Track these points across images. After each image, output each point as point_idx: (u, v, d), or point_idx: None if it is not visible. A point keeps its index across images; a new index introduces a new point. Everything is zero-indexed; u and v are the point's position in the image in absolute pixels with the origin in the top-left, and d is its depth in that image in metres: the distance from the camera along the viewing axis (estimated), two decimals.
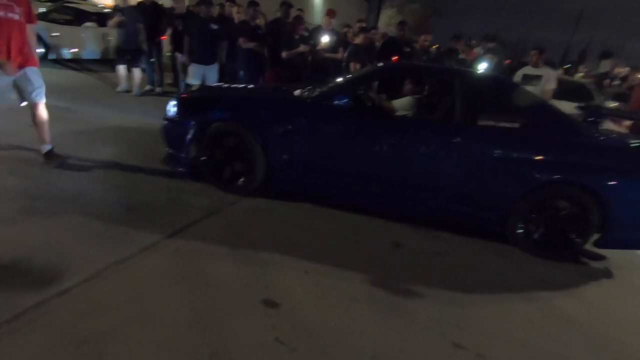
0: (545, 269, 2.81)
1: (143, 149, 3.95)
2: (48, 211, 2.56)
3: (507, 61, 6.76)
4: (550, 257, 2.95)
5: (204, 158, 3.25)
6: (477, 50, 7.60)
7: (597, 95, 7.42)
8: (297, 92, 3.44)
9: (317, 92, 3.27)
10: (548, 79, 5.20)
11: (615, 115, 4.65)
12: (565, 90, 6.74)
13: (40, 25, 7.31)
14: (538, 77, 5.30)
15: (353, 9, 26.53)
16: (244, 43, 5.43)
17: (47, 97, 3.20)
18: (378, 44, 6.26)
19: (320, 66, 5.61)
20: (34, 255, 2.10)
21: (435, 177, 3.01)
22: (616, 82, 9.24)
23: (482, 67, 5.63)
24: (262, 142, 3.12)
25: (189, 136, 3.24)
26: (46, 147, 3.24)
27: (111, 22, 5.88)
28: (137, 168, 3.48)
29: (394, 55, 5.45)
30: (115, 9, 6.03)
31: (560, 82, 7.08)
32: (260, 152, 3.14)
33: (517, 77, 5.51)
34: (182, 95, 3.61)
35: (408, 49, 6.00)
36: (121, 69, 6.12)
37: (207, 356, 1.63)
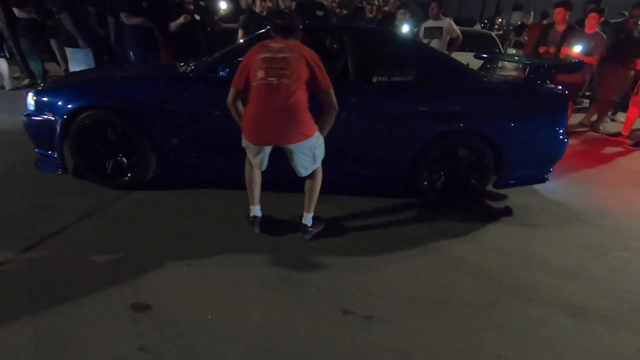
0: (447, 220, 2.83)
1: (12, 152, 3.38)
2: None
3: None
4: (455, 206, 3.01)
5: (80, 154, 2.83)
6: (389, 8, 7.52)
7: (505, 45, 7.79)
8: (180, 68, 3.08)
9: (201, 64, 2.94)
10: (449, 30, 5.26)
11: (508, 60, 4.83)
12: (473, 42, 7.02)
13: None
14: (440, 29, 5.35)
15: None
16: (127, 19, 4.80)
17: None
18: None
19: (220, 38, 5.17)
20: None
21: (337, 142, 2.87)
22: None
23: (404, 28, 5.53)
24: (145, 128, 2.77)
25: (57, 132, 2.79)
26: None
27: None
28: (1, 176, 2.96)
29: (307, 19, 5.18)
30: None
31: (468, 33, 7.34)
32: (144, 140, 2.79)
33: (420, 31, 5.52)
34: (44, 86, 3.08)
35: (321, 13, 5.75)
36: None
37: None
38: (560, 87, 2.95)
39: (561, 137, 2.91)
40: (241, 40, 3.88)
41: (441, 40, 5.31)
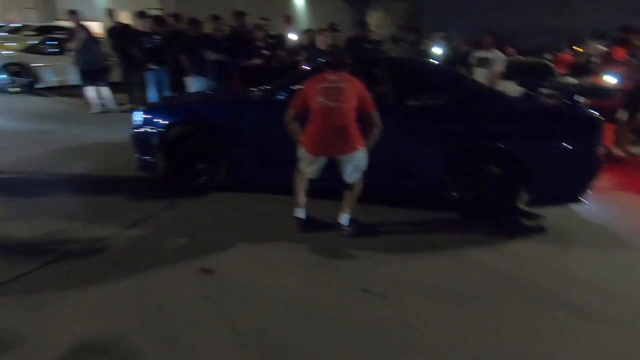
0: (474, 232, 3.00)
1: (115, 159, 4.30)
2: (24, 215, 2.92)
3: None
4: (484, 220, 3.19)
5: (169, 160, 3.58)
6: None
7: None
8: (250, 93, 3.77)
9: (264, 90, 3.59)
10: (496, 61, 5.49)
11: (544, 87, 4.95)
12: (527, 70, 7.11)
13: (27, 56, 7.87)
14: (489, 60, 5.59)
15: (338, 13, 27.00)
16: (209, 55, 5.80)
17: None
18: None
19: (284, 70, 5.95)
20: None
21: (375, 155, 3.28)
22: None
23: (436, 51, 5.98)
24: (220, 141, 3.43)
25: (155, 142, 3.58)
26: None
27: (71, 45, 6.16)
28: (108, 175, 3.84)
29: (357, 51, 5.78)
30: (70, 32, 6.27)
31: (523, 62, 7.39)
32: (218, 150, 3.46)
33: (472, 59, 5.83)
34: (146, 105, 3.97)
35: (369, 45, 6.36)
36: (89, 90, 6.45)
37: (138, 310, 1.94)
38: (593, 110, 3.09)
39: (594, 158, 2.99)
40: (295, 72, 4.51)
41: (490, 71, 5.53)
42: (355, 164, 2.68)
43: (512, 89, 4.62)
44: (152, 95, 6.34)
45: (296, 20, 6.31)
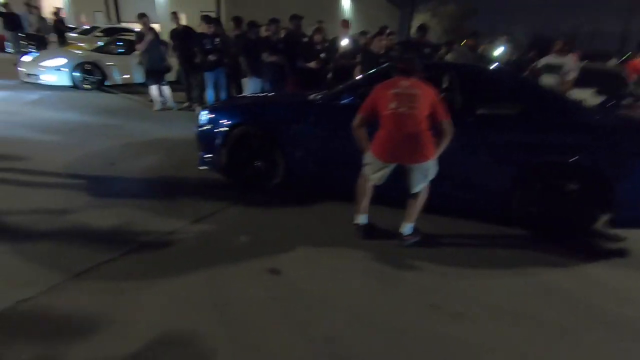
0: (545, 250, 2.83)
1: (178, 155, 4.51)
2: (100, 205, 3.13)
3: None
4: (555, 239, 2.99)
5: (230, 159, 3.70)
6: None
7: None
8: (311, 96, 3.79)
9: (327, 94, 3.60)
10: (569, 68, 5.12)
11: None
12: (599, 79, 6.58)
13: (98, 55, 8.50)
14: (560, 66, 5.24)
15: (384, 16, 26.73)
16: (267, 57, 5.94)
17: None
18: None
19: (339, 73, 5.96)
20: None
21: (441, 165, 3.18)
22: None
23: (498, 51, 5.73)
24: (279, 142, 3.50)
25: (218, 140, 3.71)
26: None
27: (140, 46, 6.53)
28: (173, 170, 4.02)
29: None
30: (138, 34, 6.62)
31: (595, 71, 6.87)
32: (278, 151, 3.52)
33: (540, 64, 5.49)
34: (211, 105, 4.13)
35: (428, 50, 6.22)
36: (153, 89, 6.84)
37: (210, 305, 2.00)
38: None
39: None
40: (360, 76, 4.48)
41: (559, 77, 5.19)
42: (424, 173, 2.60)
43: (588, 97, 4.28)
44: (210, 95, 6.61)
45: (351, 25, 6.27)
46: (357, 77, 4.21)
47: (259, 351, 1.76)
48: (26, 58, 8.43)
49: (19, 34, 10.29)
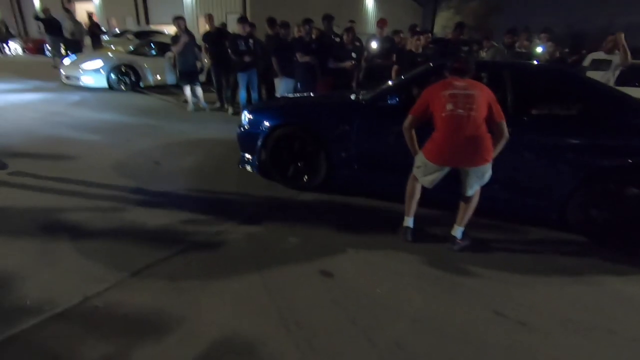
0: (608, 258, 2.71)
1: (218, 155, 4.57)
2: (147, 205, 3.20)
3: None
4: (619, 245, 2.85)
5: (271, 159, 3.71)
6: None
7: None
8: (353, 97, 3.76)
9: (371, 94, 3.55)
10: (620, 64, 4.90)
11: None
12: None
13: (133, 58, 8.74)
14: (608, 62, 5.02)
15: (407, 14, 26.41)
16: (300, 57, 5.94)
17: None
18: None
19: (373, 73, 5.90)
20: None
21: (494, 168, 3.08)
22: None
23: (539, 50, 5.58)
24: (322, 143, 3.48)
25: (259, 141, 3.73)
26: None
27: (176, 48, 6.66)
28: (214, 170, 4.07)
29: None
30: (174, 37, 6.75)
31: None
32: (320, 152, 3.50)
33: (586, 61, 5.29)
34: (253, 106, 4.17)
35: (466, 48, 6.08)
36: (187, 89, 6.98)
37: (272, 308, 2.00)
38: None
39: None
40: (403, 76, 4.40)
41: (607, 73, 4.97)
42: (480, 176, 2.52)
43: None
44: (242, 95, 6.68)
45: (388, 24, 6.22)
46: (400, 78, 4.14)
47: (328, 356, 1.73)
48: (66, 61, 8.77)
49: (59, 38, 10.71)
